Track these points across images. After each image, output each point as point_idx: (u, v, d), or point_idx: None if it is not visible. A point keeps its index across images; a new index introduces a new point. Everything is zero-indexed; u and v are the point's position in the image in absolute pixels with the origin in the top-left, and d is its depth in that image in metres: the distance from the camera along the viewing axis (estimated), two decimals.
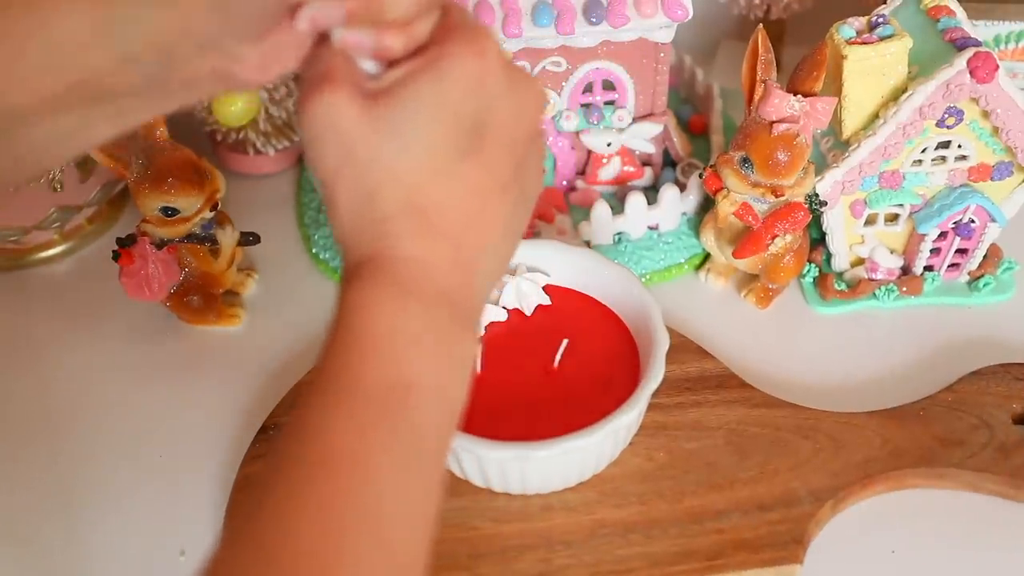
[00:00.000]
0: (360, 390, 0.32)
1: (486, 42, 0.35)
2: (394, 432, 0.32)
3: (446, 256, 0.35)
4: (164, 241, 0.61)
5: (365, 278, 0.34)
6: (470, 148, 0.34)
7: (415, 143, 0.33)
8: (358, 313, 0.33)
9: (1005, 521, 0.54)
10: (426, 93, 0.34)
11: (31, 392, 0.63)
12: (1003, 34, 0.69)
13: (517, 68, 0.37)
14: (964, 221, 0.62)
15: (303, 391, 0.33)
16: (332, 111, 0.33)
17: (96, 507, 0.56)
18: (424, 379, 0.33)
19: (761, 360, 0.63)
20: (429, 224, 0.34)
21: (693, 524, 0.53)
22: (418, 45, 0.35)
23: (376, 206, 0.34)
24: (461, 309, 0.35)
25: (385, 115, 0.33)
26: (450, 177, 0.34)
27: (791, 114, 0.57)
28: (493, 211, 0.36)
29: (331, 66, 0.34)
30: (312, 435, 0.31)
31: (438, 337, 0.34)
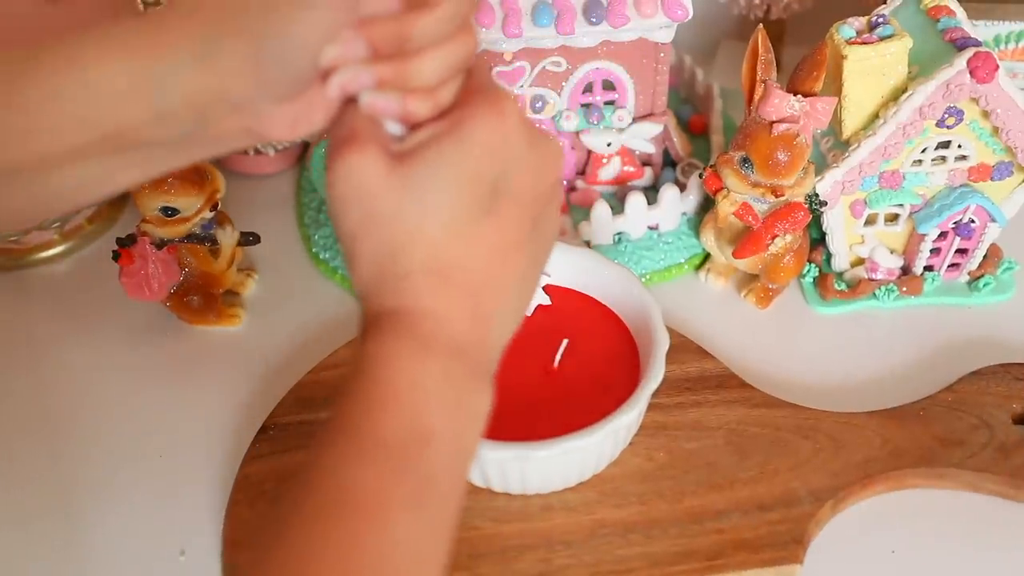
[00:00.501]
0: (378, 440, 0.33)
1: (506, 104, 0.36)
2: (411, 481, 0.32)
3: (464, 312, 0.35)
4: (164, 241, 0.61)
5: (386, 331, 0.34)
6: (490, 208, 0.35)
7: (437, 204, 0.34)
8: (378, 365, 0.34)
9: (1005, 521, 0.54)
10: (449, 155, 0.35)
11: (31, 392, 0.63)
12: (1003, 34, 0.69)
13: (535, 127, 0.38)
14: (964, 221, 0.62)
15: (319, 438, 0.33)
16: (358, 171, 0.34)
17: (96, 507, 0.56)
18: (440, 430, 0.34)
19: (761, 360, 0.63)
20: (449, 281, 0.35)
21: (693, 524, 0.53)
22: (443, 108, 0.36)
23: (398, 263, 0.35)
24: (477, 362, 0.36)
25: (409, 176, 0.34)
26: (470, 236, 0.35)
27: (791, 114, 0.57)
28: (510, 267, 0.37)
29: (357, 127, 0.35)
30: (329, 483, 0.32)
31: (455, 390, 0.35)
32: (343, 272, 0.69)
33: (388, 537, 0.31)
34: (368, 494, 0.32)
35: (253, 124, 0.36)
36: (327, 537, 0.31)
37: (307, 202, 0.74)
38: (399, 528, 0.32)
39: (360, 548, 0.31)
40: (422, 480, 0.33)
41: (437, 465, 0.33)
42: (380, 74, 0.35)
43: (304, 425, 0.58)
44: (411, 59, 0.35)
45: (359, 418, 0.33)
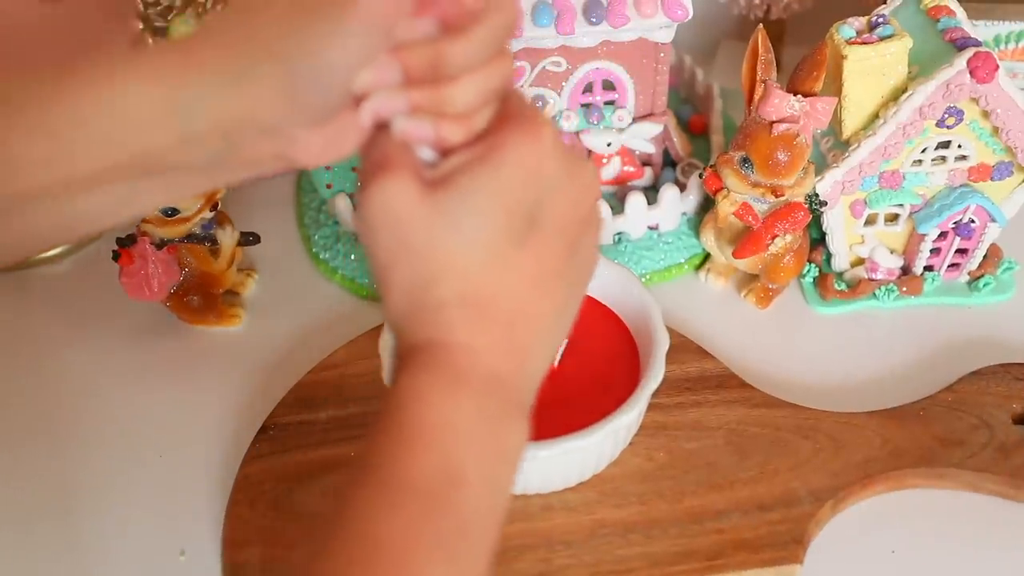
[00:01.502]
0: (408, 484, 0.32)
1: (543, 129, 0.35)
2: (442, 526, 0.31)
3: (499, 343, 0.35)
4: (164, 241, 0.61)
5: (419, 366, 0.34)
6: (526, 236, 0.35)
7: (472, 232, 0.34)
8: (410, 401, 0.33)
9: (1005, 521, 0.54)
10: (484, 182, 0.34)
11: (31, 392, 0.63)
12: (1003, 34, 0.69)
13: (572, 153, 0.37)
14: (964, 221, 0.62)
15: (349, 477, 0.32)
16: (391, 198, 0.33)
17: (96, 507, 0.56)
18: (473, 471, 0.33)
19: (761, 360, 0.63)
20: (483, 312, 0.34)
21: (693, 524, 0.53)
22: (477, 134, 0.35)
23: (431, 294, 0.34)
24: (513, 397, 0.35)
25: (443, 203, 0.33)
26: (506, 265, 0.34)
27: (791, 114, 0.57)
28: (547, 298, 0.36)
29: (390, 153, 0.34)
30: (357, 530, 0.31)
31: (489, 426, 0.34)
32: (343, 272, 0.69)
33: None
34: (397, 542, 0.30)
35: (284, 149, 0.35)
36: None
37: (307, 202, 0.74)
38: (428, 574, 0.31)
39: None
40: (454, 524, 0.32)
41: (470, 507, 0.32)
42: (414, 100, 0.34)
43: (304, 425, 0.58)
44: (446, 85, 0.34)
45: (388, 459, 0.32)
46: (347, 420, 0.58)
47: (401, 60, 0.34)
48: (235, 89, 0.32)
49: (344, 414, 0.59)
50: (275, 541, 0.53)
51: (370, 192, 0.33)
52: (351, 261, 0.69)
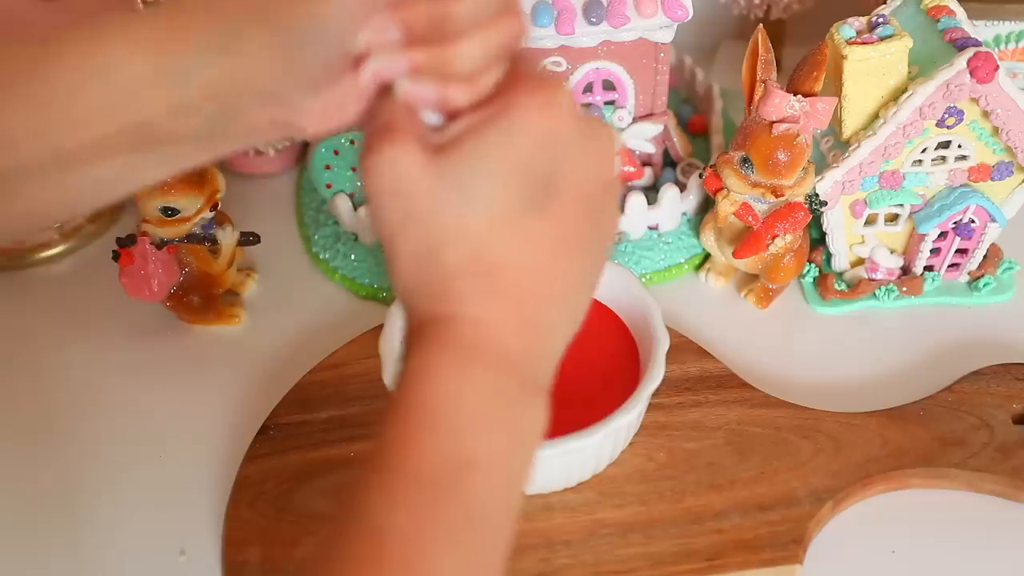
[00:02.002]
0: (414, 469, 0.30)
1: (556, 92, 0.33)
2: (451, 513, 0.30)
3: (512, 317, 0.33)
4: (164, 241, 0.61)
5: (427, 342, 0.32)
6: (539, 203, 0.33)
7: (481, 197, 0.32)
8: (419, 381, 0.31)
9: (1005, 521, 0.54)
10: (494, 145, 0.32)
11: (31, 392, 0.63)
12: (1003, 34, 0.69)
13: (588, 116, 0.35)
14: (964, 221, 0.62)
15: (361, 463, 0.31)
16: (395, 164, 0.32)
17: (96, 506, 0.56)
18: (486, 454, 0.31)
19: (761, 360, 0.63)
20: (494, 283, 0.32)
21: (693, 524, 0.53)
22: (484, 96, 0.33)
23: (439, 263, 0.32)
24: (527, 373, 0.33)
25: (450, 168, 0.32)
26: (518, 234, 0.32)
27: (791, 114, 0.57)
28: (563, 269, 0.34)
29: (393, 118, 0.32)
30: (363, 527, 0.29)
31: (502, 406, 0.32)
32: (343, 272, 0.69)
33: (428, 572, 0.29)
34: (403, 534, 0.29)
35: (282, 116, 0.33)
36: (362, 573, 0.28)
37: (307, 202, 0.74)
38: (441, 563, 0.29)
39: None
40: (465, 513, 0.30)
41: (483, 492, 0.31)
42: (416, 60, 0.32)
43: (304, 425, 0.58)
44: (449, 44, 0.32)
45: (394, 444, 0.31)
46: (347, 420, 0.58)
47: (401, 18, 0.32)
48: (228, 56, 0.31)
49: (344, 414, 0.59)
50: (275, 541, 0.53)
51: (373, 159, 0.32)
52: (351, 261, 0.69)
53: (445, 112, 0.34)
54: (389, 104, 0.33)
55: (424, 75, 0.33)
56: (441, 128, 0.33)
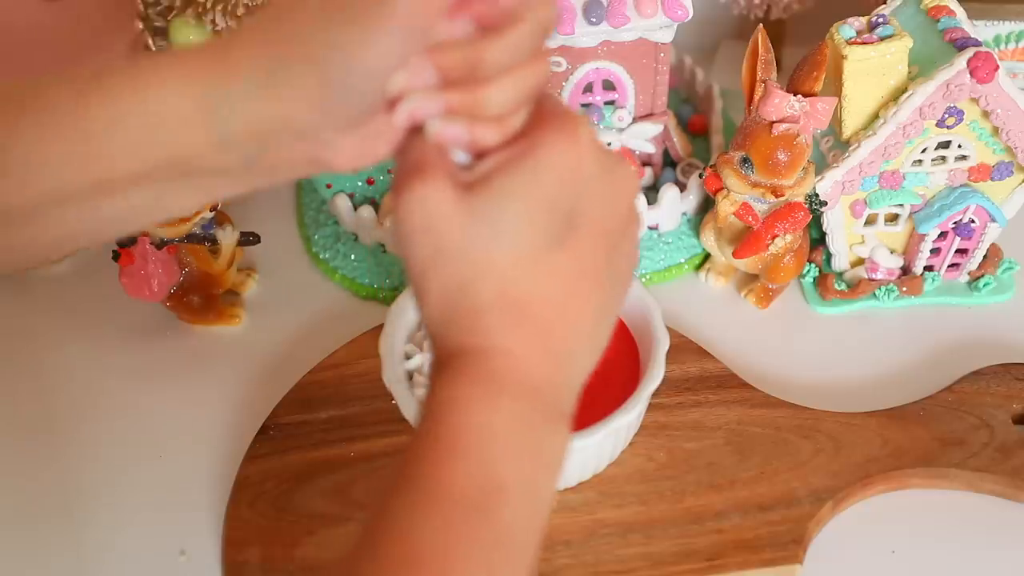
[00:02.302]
0: (448, 492, 0.31)
1: (580, 129, 0.34)
2: (482, 533, 0.31)
3: (538, 348, 0.34)
4: (164, 241, 0.61)
5: (457, 373, 0.33)
6: (563, 237, 0.34)
7: (509, 234, 0.33)
8: (450, 411, 0.32)
9: (1005, 521, 0.54)
10: (521, 183, 0.33)
11: (31, 392, 0.63)
12: (1003, 34, 0.69)
13: (609, 152, 0.36)
14: (964, 221, 0.62)
15: (388, 486, 0.32)
16: (426, 202, 0.32)
17: (96, 507, 0.56)
18: (513, 479, 0.32)
19: (761, 360, 0.63)
20: (522, 316, 0.33)
21: (693, 524, 0.53)
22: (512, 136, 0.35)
23: (468, 298, 0.33)
24: (552, 403, 0.34)
25: (479, 206, 0.33)
26: (543, 268, 0.34)
27: (791, 114, 0.57)
28: (585, 300, 0.35)
29: (425, 157, 0.33)
30: (397, 541, 0.30)
31: (529, 434, 0.33)
32: (343, 272, 0.69)
33: None
34: (436, 553, 0.30)
35: (317, 153, 0.34)
36: None
37: (307, 202, 0.74)
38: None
39: None
40: (494, 534, 0.31)
41: (510, 514, 0.32)
42: (449, 102, 0.34)
43: (304, 425, 0.58)
44: (481, 86, 0.33)
45: (426, 468, 0.31)
46: (347, 420, 0.58)
47: (436, 61, 0.33)
48: (269, 92, 0.32)
49: (344, 414, 0.59)
50: (275, 541, 0.53)
51: (405, 196, 0.33)
52: (351, 261, 0.69)
53: (474, 151, 0.35)
54: (419, 143, 0.34)
55: (455, 116, 0.34)
56: (470, 167, 0.34)
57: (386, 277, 0.68)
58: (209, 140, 0.33)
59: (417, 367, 0.53)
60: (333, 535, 0.53)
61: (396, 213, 0.33)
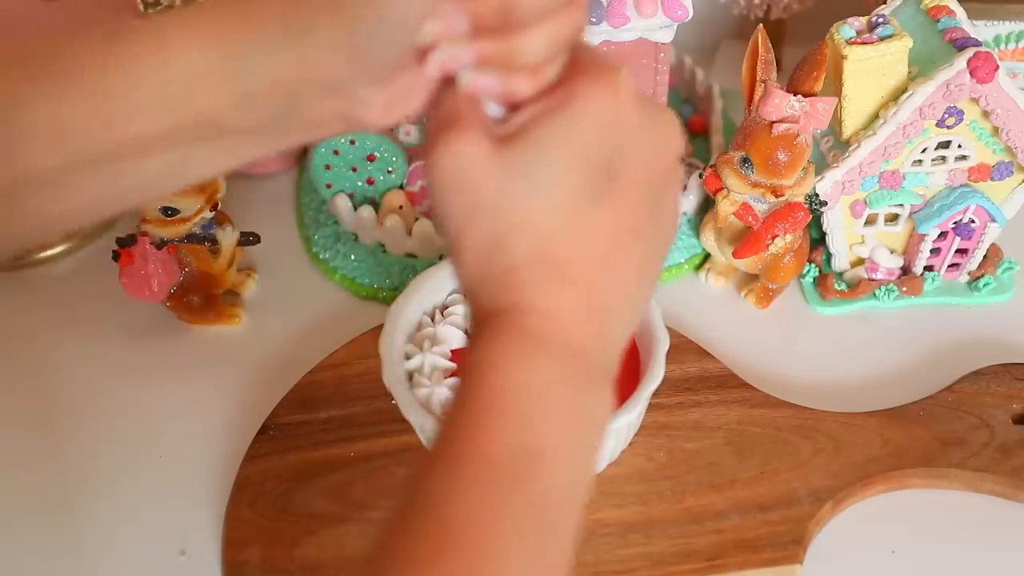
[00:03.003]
0: (484, 457, 0.30)
1: (617, 78, 0.33)
2: (520, 502, 0.30)
3: (578, 305, 0.32)
4: (164, 241, 0.61)
5: (494, 333, 0.32)
6: (603, 190, 0.32)
7: (547, 187, 0.31)
8: (486, 372, 0.31)
9: (1005, 521, 0.54)
10: (558, 134, 0.32)
11: (31, 391, 0.63)
12: (1003, 34, 0.69)
13: (650, 101, 0.35)
14: (964, 221, 0.62)
15: (430, 455, 0.31)
16: (461, 156, 0.31)
17: (96, 507, 0.56)
18: (554, 442, 0.31)
19: (761, 360, 0.63)
20: (560, 272, 0.32)
21: (693, 524, 0.53)
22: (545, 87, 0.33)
23: (505, 254, 0.32)
24: (594, 362, 0.33)
25: (515, 159, 0.31)
26: (583, 222, 0.32)
27: (791, 114, 0.57)
28: (627, 255, 0.34)
29: (458, 110, 0.32)
30: (435, 511, 0.29)
31: (570, 395, 0.32)
32: (343, 272, 0.69)
33: (501, 561, 0.29)
34: (474, 521, 0.29)
35: (347, 108, 0.33)
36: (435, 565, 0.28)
37: (307, 202, 0.74)
38: (513, 550, 0.29)
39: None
40: (534, 501, 0.30)
41: (551, 479, 0.30)
42: (482, 51, 0.32)
43: (304, 425, 0.58)
44: (515, 35, 0.32)
45: (463, 432, 0.30)
46: (347, 420, 0.58)
47: (468, 9, 0.32)
48: (294, 46, 0.31)
49: (344, 414, 0.59)
50: (275, 541, 0.53)
51: (439, 151, 0.31)
52: (351, 261, 0.69)
53: (508, 103, 0.33)
54: (452, 96, 0.33)
55: (489, 66, 0.33)
56: (503, 119, 0.33)
57: (386, 277, 0.68)
58: (232, 96, 0.32)
59: (417, 367, 0.53)
60: (333, 535, 0.53)
61: (429, 169, 0.32)
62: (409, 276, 0.66)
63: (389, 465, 0.56)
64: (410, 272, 0.67)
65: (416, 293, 0.56)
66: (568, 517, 0.32)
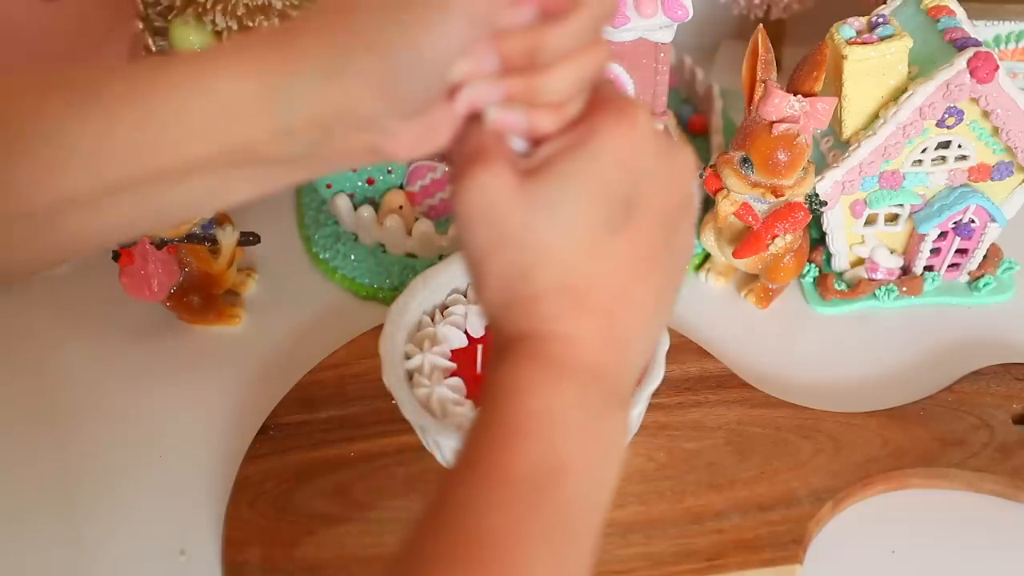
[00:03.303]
0: (510, 477, 0.31)
1: (637, 115, 0.34)
2: (545, 518, 0.31)
3: (598, 333, 0.34)
4: (164, 241, 0.61)
5: (517, 358, 0.33)
6: (622, 222, 0.34)
7: (569, 220, 0.33)
8: (509, 393, 0.32)
9: (1005, 521, 0.54)
10: (580, 169, 0.33)
11: (31, 392, 0.63)
12: (1003, 34, 0.69)
13: (667, 137, 0.36)
14: (964, 221, 0.62)
15: (453, 470, 0.32)
16: (487, 188, 0.33)
17: (96, 507, 0.56)
18: (575, 461, 0.32)
19: (761, 360, 0.63)
20: (582, 302, 0.33)
21: (693, 524, 0.53)
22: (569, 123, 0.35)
23: (529, 284, 0.33)
24: (613, 387, 0.34)
25: (538, 192, 0.33)
26: (603, 253, 0.34)
27: (791, 114, 0.57)
28: (645, 285, 0.35)
29: (484, 144, 0.34)
30: (461, 524, 0.30)
31: (590, 418, 0.33)
32: (343, 272, 0.69)
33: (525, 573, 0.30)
34: (502, 535, 0.30)
35: (376, 142, 0.35)
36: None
37: (307, 202, 0.74)
38: (536, 565, 0.30)
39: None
40: (558, 517, 0.31)
41: (573, 496, 0.32)
42: (509, 88, 0.34)
43: (304, 425, 0.58)
44: (541, 73, 0.34)
45: (489, 451, 0.31)
46: (347, 420, 0.58)
47: (498, 48, 0.33)
48: (333, 81, 0.32)
49: (344, 414, 0.59)
50: (275, 541, 0.53)
51: (465, 184, 0.33)
52: (351, 261, 0.69)
53: (531, 138, 0.35)
54: (478, 131, 0.34)
55: (515, 103, 0.34)
56: (527, 154, 0.35)
57: (386, 277, 0.68)
58: (273, 128, 0.33)
59: (417, 367, 0.53)
60: (333, 535, 0.53)
61: (456, 200, 0.33)
62: (409, 276, 0.66)
63: (389, 465, 0.56)
64: (410, 272, 0.67)
65: (416, 293, 0.56)
66: (590, 531, 0.33)
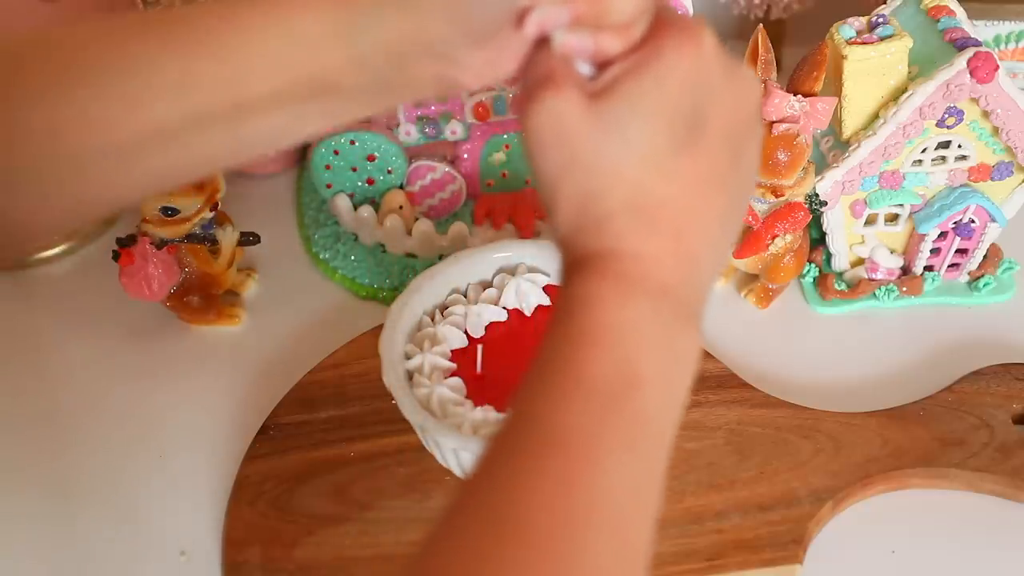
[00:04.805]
0: (587, 382, 0.32)
1: (701, 35, 0.35)
2: (622, 422, 0.32)
3: (668, 251, 0.34)
4: (164, 241, 0.61)
5: (590, 273, 0.34)
6: (689, 142, 0.34)
7: (638, 139, 0.33)
8: (584, 306, 0.33)
9: (1005, 521, 0.54)
10: (648, 89, 0.34)
11: (31, 392, 0.63)
12: (1003, 34, 0.69)
13: (732, 58, 0.36)
14: (964, 221, 0.62)
15: (525, 382, 0.32)
16: (557, 113, 0.33)
17: (96, 507, 0.56)
18: (649, 372, 0.33)
19: (761, 360, 0.63)
20: (651, 220, 0.34)
21: (693, 524, 0.53)
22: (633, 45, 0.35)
23: (600, 204, 0.34)
24: (684, 303, 0.35)
25: (607, 113, 0.33)
26: (671, 171, 0.34)
27: (791, 114, 0.57)
28: (712, 203, 0.36)
29: (552, 69, 0.34)
30: (537, 424, 0.31)
31: (662, 331, 0.34)
32: (343, 272, 0.69)
33: (601, 478, 0.30)
34: (578, 436, 0.31)
35: (446, 70, 0.35)
36: (539, 473, 0.30)
37: (307, 202, 0.74)
38: (611, 470, 0.31)
39: (574, 486, 0.30)
40: (632, 421, 0.32)
41: (647, 406, 0.32)
42: (576, 11, 0.34)
43: (304, 425, 0.58)
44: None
45: (566, 359, 0.32)
46: (347, 420, 0.58)
47: None
48: (406, 11, 0.33)
49: (344, 414, 0.59)
50: (275, 541, 0.53)
51: (536, 108, 0.33)
52: (351, 261, 0.69)
53: (596, 62, 0.35)
54: (546, 56, 0.35)
55: (582, 26, 0.34)
56: (592, 77, 0.35)
57: (386, 277, 0.68)
58: (348, 58, 0.34)
59: (417, 367, 0.53)
60: (333, 535, 0.53)
61: (526, 125, 0.34)
62: (409, 276, 0.66)
63: (389, 465, 0.56)
64: (410, 272, 0.67)
65: (416, 293, 0.56)
66: (665, 440, 0.33)
